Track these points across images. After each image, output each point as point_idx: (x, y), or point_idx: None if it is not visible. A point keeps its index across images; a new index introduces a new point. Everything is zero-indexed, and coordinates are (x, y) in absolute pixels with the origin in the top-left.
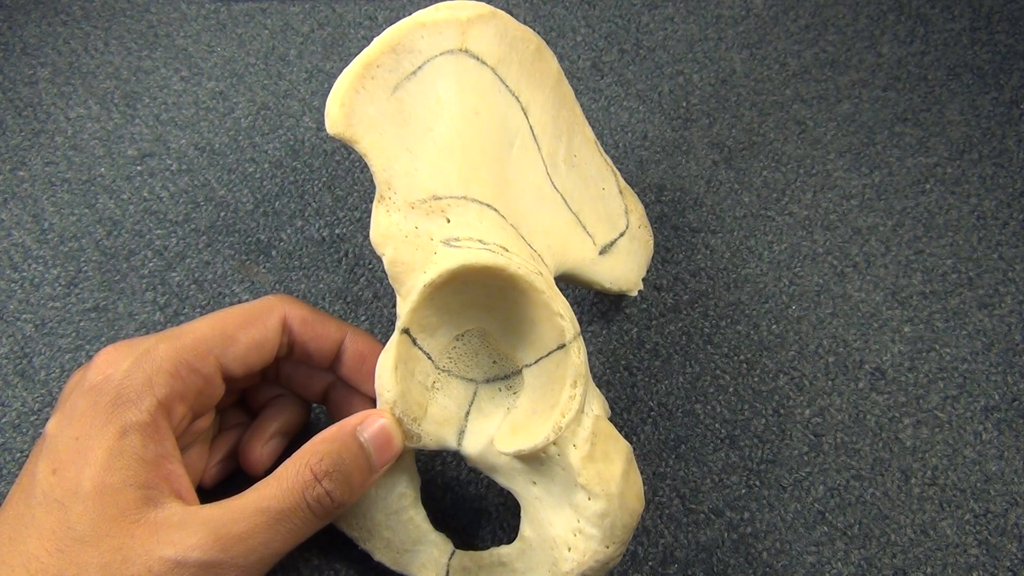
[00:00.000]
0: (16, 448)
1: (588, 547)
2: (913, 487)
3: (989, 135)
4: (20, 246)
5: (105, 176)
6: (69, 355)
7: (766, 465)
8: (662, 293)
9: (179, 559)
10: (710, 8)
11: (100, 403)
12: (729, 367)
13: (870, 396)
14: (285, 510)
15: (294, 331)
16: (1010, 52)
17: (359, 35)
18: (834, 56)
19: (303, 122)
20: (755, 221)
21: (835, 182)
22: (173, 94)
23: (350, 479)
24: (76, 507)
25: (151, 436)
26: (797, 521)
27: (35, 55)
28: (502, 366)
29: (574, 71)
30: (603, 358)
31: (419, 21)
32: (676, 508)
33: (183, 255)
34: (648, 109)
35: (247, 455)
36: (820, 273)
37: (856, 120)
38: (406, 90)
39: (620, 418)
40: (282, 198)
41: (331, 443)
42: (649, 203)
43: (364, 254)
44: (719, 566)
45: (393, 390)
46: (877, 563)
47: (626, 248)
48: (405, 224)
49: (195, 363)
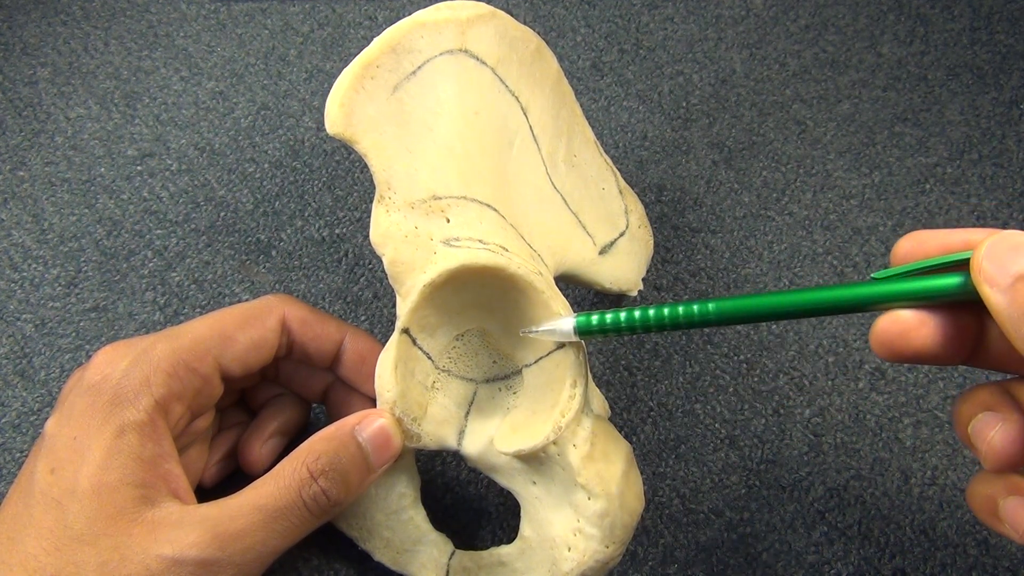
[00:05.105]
0: (16, 448)
1: (588, 547)
2: (913, 487)
3: (989, 135)
4: (20, 246)
5: (105, 176)
6: (69, 355)
7: (766, 465)
8: (662, 293)
9: (176, 557)
10: (710, 8)
11: (98, 403)
12: (729, 367)
13: (870, 396)
14: (282, 508)
15: (293, 331)
16: (1010, 52)
17: (359, 35)
18: (834, 56)
19: (303, 122)
20: (755, 221)
21: (835, 182)
22: (173, 94)
23: (347, 478)
24: (74, 506)
25: (149, 435)
26: (797, 521)
27: (35, 55)
28: (502, 366)
29: (574, 71)
30: (603, 358)
31: (419, 21)
32: (676, 508)
33: (183, 255)
34: (648, 109)
35: (246, 454)
36: (820, 273)
37: (856, 120)
38: (406, 90)
39: (620, 418)
40: (282, 198)
41: (329, 442)
42: (649, 203)
43: (364, 254)
44: (719, 566)
45: (393, 390)
46: (877, 563)
47: (626, 248)
48: (405, 224)
49: (193, 363)
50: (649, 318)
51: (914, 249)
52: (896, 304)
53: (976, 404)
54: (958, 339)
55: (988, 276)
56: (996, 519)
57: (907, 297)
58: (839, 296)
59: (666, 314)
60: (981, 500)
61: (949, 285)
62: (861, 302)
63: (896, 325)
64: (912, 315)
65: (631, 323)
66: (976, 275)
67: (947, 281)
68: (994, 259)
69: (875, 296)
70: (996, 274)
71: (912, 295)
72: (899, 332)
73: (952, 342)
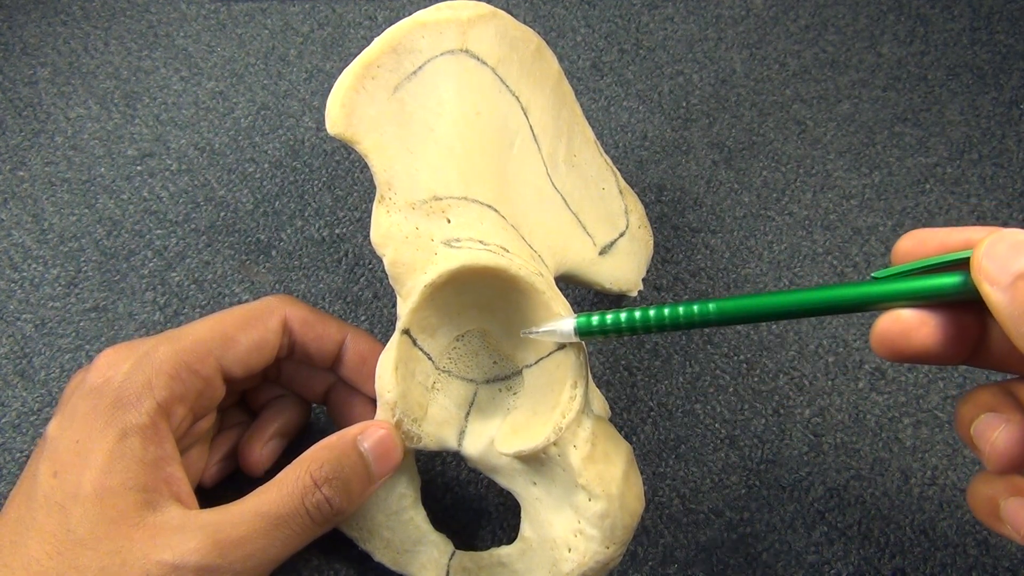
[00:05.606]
0: (16, 448)
1: (588, 548)
2: (913, 487)
3: (989, 135)
4: (20, 246)
5: (105, 176)
6: (69, 355)
7: (766, 465)
8: (662, 293)
9: (177, 563)
10: (710, 8)
11: (100, 406)
12: (729, 367)
13: (870, 396)
14: (284, 515)
15: (294, 332)
16: (1010, 52)
17: (359, 35)
18: (834, 56)
19: (303, 122)
20: (755, 221)
21: (835, 182)
22: (173, 94)
23: (349, 487)
24: (76, 510)
25: (151, 439)
26: (797, 521)
27: (35, 55)
28: (502, 367)
29: (574, 71)
30: (603, 358)
31: (420, 21)
32: (676, 508)
33: (183, 255)
34: (648, 109)
35: (247, 455)
36: (820, 273)
37: (856, 120)
38: (407, 90)
39: (620, 418)
40: (282, 198)
41: (331, 451)
42: (649, 203)
43: (364, 254)
44: (719, 566)
45: (394, 391)
46: (877, 563)
47: (626, 248)
48: (406, 225)
49: (195, 365)
50: (649, 318)
51: (914, 248)
52: (896, 304)
53: (978, 405)
54: (959, 339)
55: (988, 275)
56: (997, 520)
57: (907, 297)
58: (839, 296)
59: (666, 314)
60: (982, 501)
61: (949, 284)
62: (861, 302)
63: (896, 325)
64: (912, 315)
65: (631, 323)
66: (976, 274)
67: (947, 280)
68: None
69: (875, 296)
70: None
71: (912, 295)
72: (900, 332)
73: (953, 342)
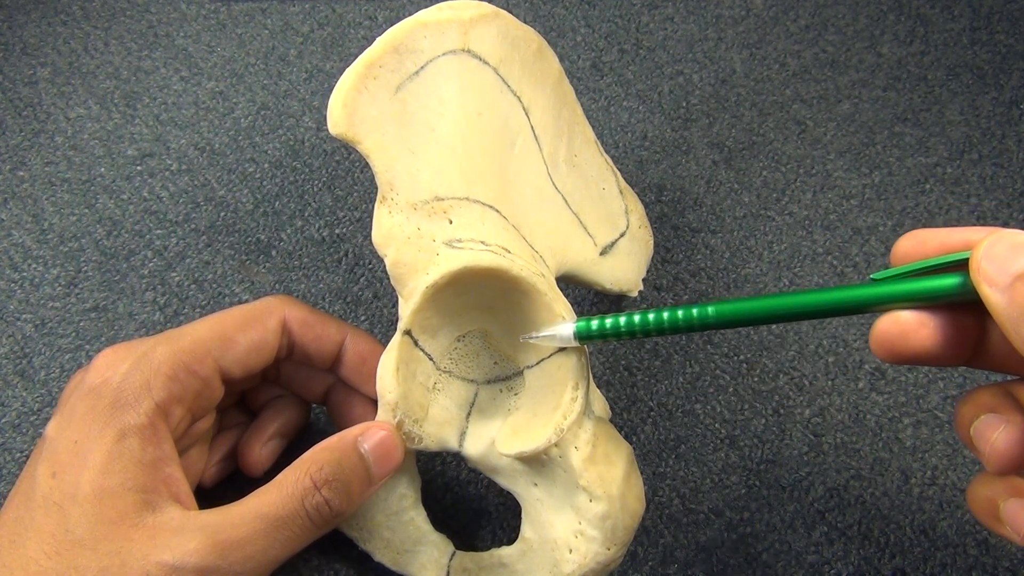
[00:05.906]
0: (16, 448)
1: (589, 549)
2: (913, 487)
3: (989, 135)
4: (20, 246)
5: (105, 176)
6: (69, 355)
7: (766, 465)
8: (662, 293)
9: (176, 564)
10: (710, 8)
11: (99, 406)
12: (729, 367)
13: (870, 396)
14: (284, 517)
15: (294, 332)
16: (1010, 52)
17: (359, 35)
18: (834, 56)
19: (303, 122)
20: (755, 221)
21: (835, 182)
22: (173, 94)
23: (349, 489)
24: (75, 511)
25: (149, 439)
26: (797, 521)
27: (35, 55)
28: (503, 367)
29: (574, 71)
30: (603, 358)
31: (421, 21)
32: (676, 508)
33: (183, 255)
34: (648, 109)
35: (246, 456)
36: (820, 273)
37: (856, 120)
38: (408, 90)
39: (620, 418)
40: (282, 198)
41: (331, 452)
42: (649, 203)
43: (364, 254)
44: (719, 566)
45: (395, 391)
46: (877, 563)
47: (626, 248)
48: (407, 225)
49: (193, 366)
50: (648, 322)
51: (914, 248)
52: (896, 305)
53: (978, 406)
54: (958, 340)
55: (987, 275)
56: (996, 521)
57: (907, 298)
58: (838, 298)
59: (665, 318)
60: (981, 502)
61: (948, 285)
62: (860, 304)
63: (896, 326)
64: (912, 316)
65: (631, 327)
66: (975, 275)
67: (946, 281)
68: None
69: (874, 297)
70: (995, 273)
71: (912, 296)
72: (899, 333)
73: (952, 343)
